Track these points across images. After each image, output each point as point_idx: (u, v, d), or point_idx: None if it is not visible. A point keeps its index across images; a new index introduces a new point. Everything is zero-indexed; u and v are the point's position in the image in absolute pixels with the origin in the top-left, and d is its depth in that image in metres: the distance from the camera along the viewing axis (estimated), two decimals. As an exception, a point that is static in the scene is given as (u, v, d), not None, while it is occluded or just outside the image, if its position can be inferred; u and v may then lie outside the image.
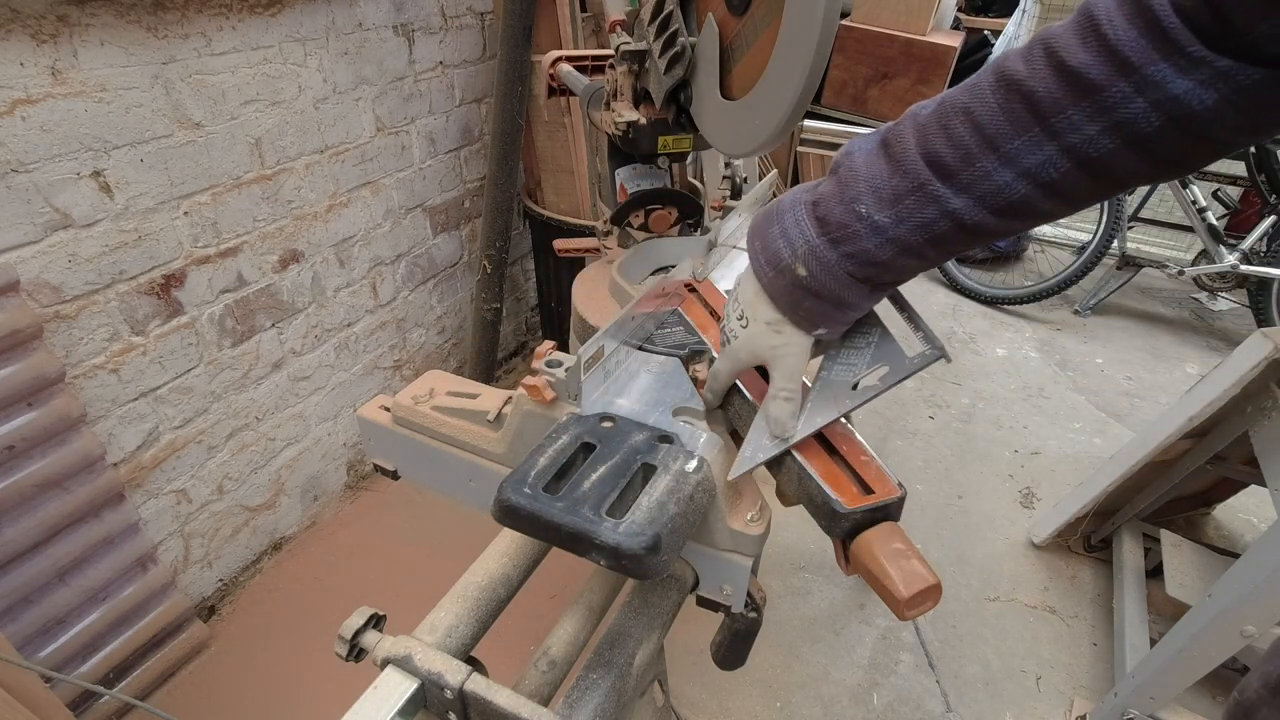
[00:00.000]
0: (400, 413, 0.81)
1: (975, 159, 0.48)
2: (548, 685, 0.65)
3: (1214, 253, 2.91)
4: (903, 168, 0.51)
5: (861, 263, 0.53)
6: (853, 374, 0.63)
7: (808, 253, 0.55)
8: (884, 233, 0.51)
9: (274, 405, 1.83)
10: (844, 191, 0.53)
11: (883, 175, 0.52)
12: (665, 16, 0.93)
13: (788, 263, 0.56)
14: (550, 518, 0.56)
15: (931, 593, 0.52)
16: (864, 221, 0.52)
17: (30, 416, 1.26)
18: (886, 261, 0.53)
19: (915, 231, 0.51)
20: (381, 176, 1.96)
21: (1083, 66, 0.43)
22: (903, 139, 0.51)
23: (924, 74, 3.30)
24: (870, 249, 0.52)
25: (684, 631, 1.14)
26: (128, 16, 1.29)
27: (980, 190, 0.48)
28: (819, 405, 0.62)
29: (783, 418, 0.60)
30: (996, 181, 0.48)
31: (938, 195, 0.49)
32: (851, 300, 0.56)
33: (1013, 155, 0.47)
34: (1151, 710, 1.43)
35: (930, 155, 0.49)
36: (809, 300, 0.56)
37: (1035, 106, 0.45)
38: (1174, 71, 0.41)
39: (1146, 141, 0.43)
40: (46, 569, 1.34)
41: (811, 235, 0.55)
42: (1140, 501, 1.84)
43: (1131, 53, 0.41)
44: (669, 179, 1.16)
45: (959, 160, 0.48)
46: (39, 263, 1.27)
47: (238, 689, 1.63)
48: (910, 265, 0.54)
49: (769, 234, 0.58)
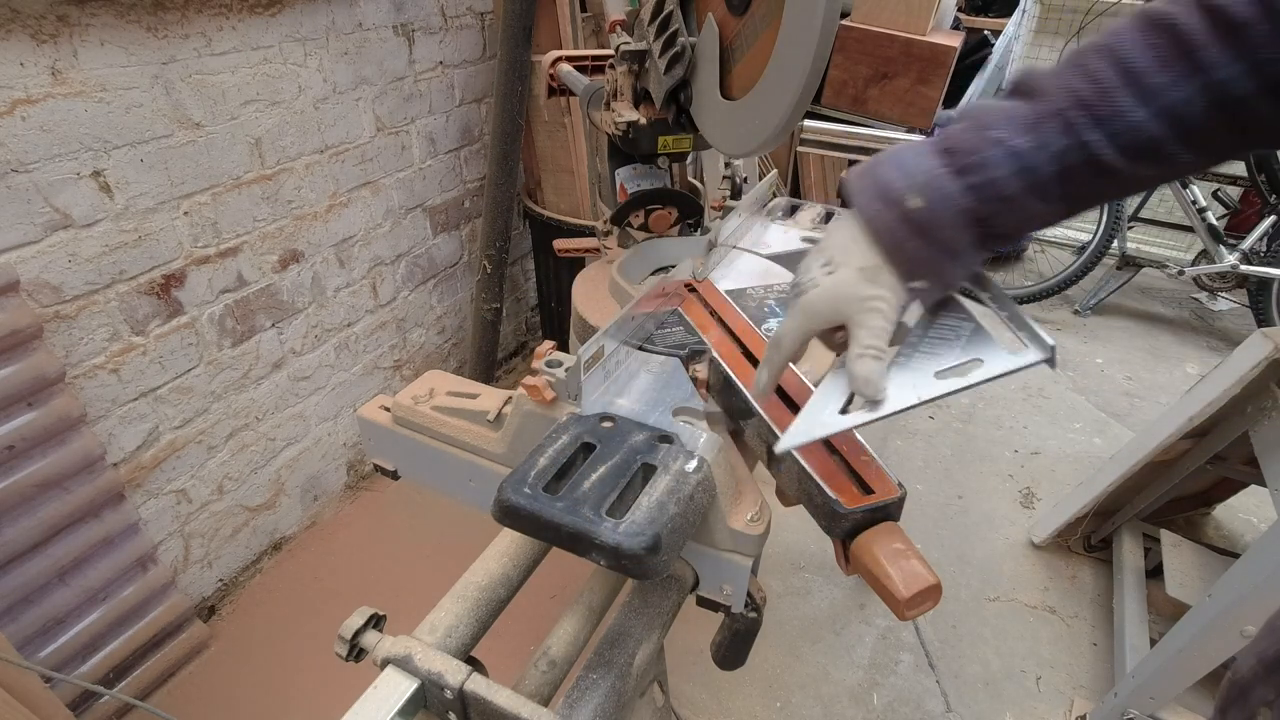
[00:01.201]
0: (400, 413, 0.81)
1: (1114, 94, 0.47)
2: (548, 685, 0.65)
3: (1214, 253, 2.90)
4: (1040, 97, 0.49)
5: (985, 197, 0.50)
6: (938, 362, 0.55)
7: (927, 182, 0.51)
8: (1020, 158, 0.49)
9: (274, 405, 1.83)
10: (977, 122, 0.51)
11: (1018, 106, 0.50)
12: (665, 16, 0.93)
13: (899, 193, 0.51)
14: (550, 518, 0.56)
15: (931, 593, 0.52)
16: (999, 146, 0.49)
17: (30, 416, 1.26)
18: (1013, 196, 0.49)
19: (1051, 160, 0.48)
20: (381, 176, 1.96)
21: (1227, 5, 0.43)
22: (1036, 79, 0.50)
23: (924, 74, 3.29)
24: (1001, 178, 0.49)
25: (684, 631, 1.14)
26: (128, 16, 1.29)
27: (1116, 126, 0.47)
28: (901, 380, 0.54)
29: (873, 377, 0.52)
30: (1133, 119, 0.46)
31: (1075, 124, 0.48)
32: (961, 246, 0.51)
33: (1153, 91, 0.46)
34: (1151, 710, 1.43)
35: (1068, 87, 0.48)
36: (915, 240, 0.51)
37: (1180, 42, 0.45)
38: None
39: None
40: (46, 569, 1.34)
41: (934, 165, 0.51)
42: (1140, 501, 1.84)
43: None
44: (669, 179, 1.16)
45: (1098, 95, 0.47)
46: (39, 263, 1.27)
47: (238, 689, 1.63)
48: (1031, 210, 0.50)
49: (880, 168, 0.53)
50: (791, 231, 1.19)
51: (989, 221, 0.51)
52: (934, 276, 0.53)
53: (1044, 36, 3.72)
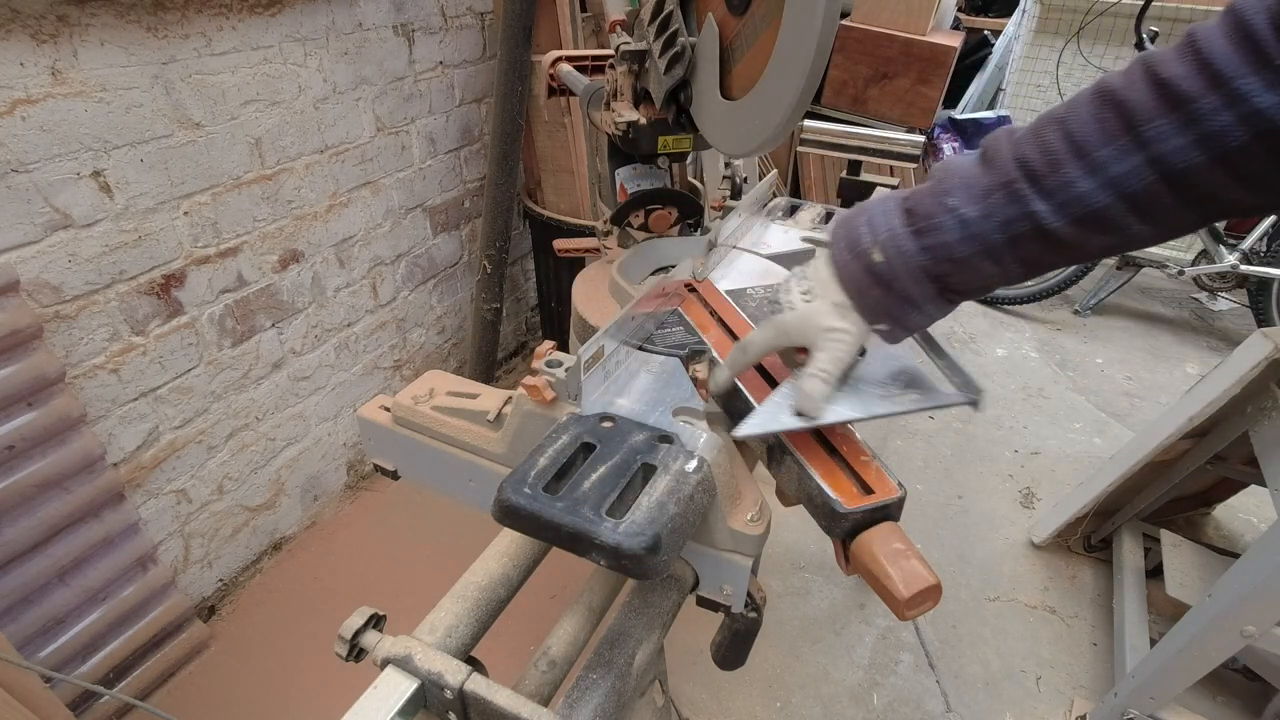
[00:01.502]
0: (400, 413, 0.81)
1: (1062, 164, 0.49)
2: (548, 685, 0.65)
3: (1214, 253, 2.90)
4: (994, 166, 0.53)
5: (939, 257, 0.54)
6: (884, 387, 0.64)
7: (888, 239, 0.56)
8: (968, 226, 0.53)
9: (274, 405, 1.83)
10: (936, 187, 0.56)
11: (975, 174, 0.54)
12: (665, 16, 0.93)
13: (865, 247, 0.57)
14: (550, 518, 0.56)
15: (931, 593, 0.52)
16: (951, 214, 0.53)
17: (30, 416, 1.26)
18: (964, 259, 0.53)
19: (998, 229, 0.52)
20: (381, 176, 1.96)
21: (1175, 78, 0.44)
22: (999, 145, 0.54)
23: (924, 74, 3.30)
24: (951, 242, 0.53)
25: (684, 631, 1.14)
26: (128, 16, 1.29)
27: (1063, 196, 0.49)
28: (846, 399, 0.63)
29: (815, 396, 0.60)
30: (1080, 189, 0.49)
31: (1022, 194, 0.51)
32: (919, 298, 0.56)
33: (1099, 163, 0.48)
34: (1151, 710, 1.43)
35: (1021, 158, 0.51)
36: (878, 289, 0.57)
37: (1126, 115, 0.46)
38: (1262, 85, 0.42)
39: (1232, 157, 0.44)
40: (46, 569, 1.34)
41: (896, 224, 0.56)
42: (1140, 501, 1.84)
43: (1223, 65, 0.42)
44: (669, 179, 1.16)
45: (1046, 165, 0.50)
46: (39, 263, 1.27)
47: (238, 689, 1.63)
48: (985, 271, 0.54)
49: (855, 221, 0.59)
50: (791, 231, 1.19)
51: (944, 279, 0.56)
52: (893, 321, 0.59)
53: (1044, 36, 3.72)
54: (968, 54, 3.76)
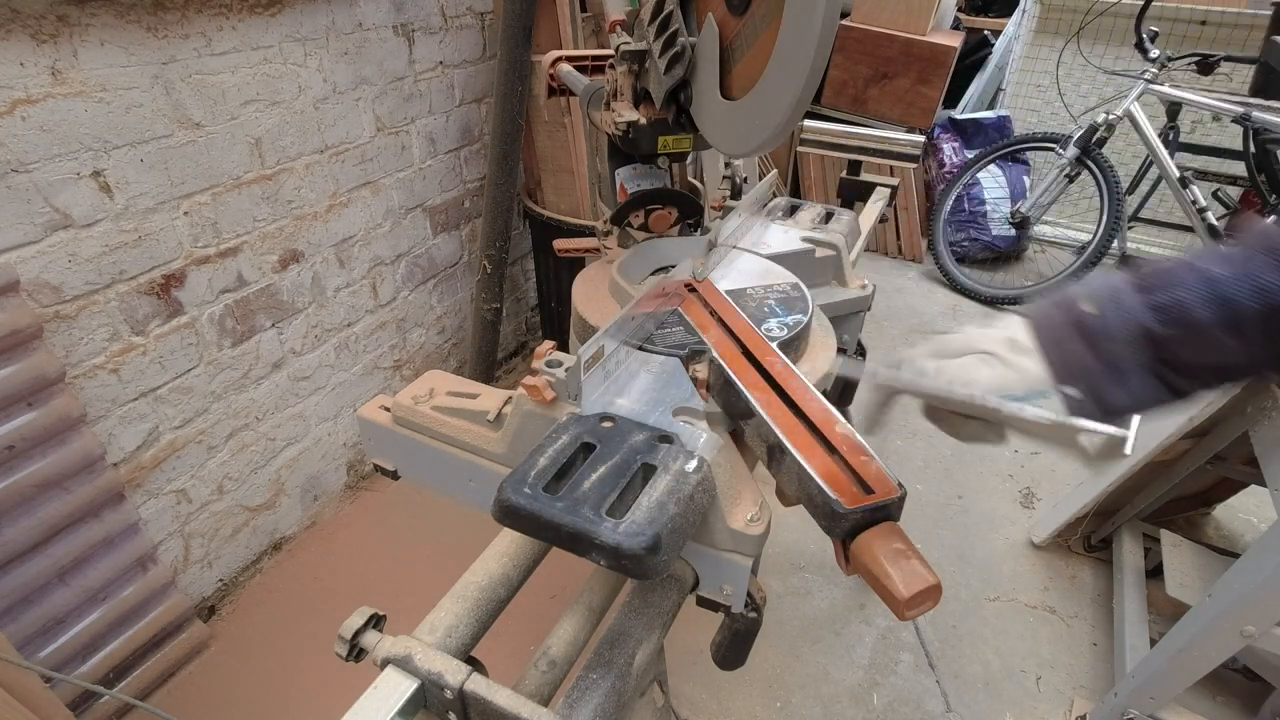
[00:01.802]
0: (400, 413, 0.81)
1: None
2: (548, 685, 0.65)
3: (1214, 253, 2.90)
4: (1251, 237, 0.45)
5: (1168, 318, 0.44)
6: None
7: (1106, 292, 0.47)
8: (1215, 286, 0.43)
9: (274, 405, 1.83)
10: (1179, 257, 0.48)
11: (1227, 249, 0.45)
12: (665, 16, 0.93)
13: (1074, 299, 0.49)
14: (550, 518, 0.56)
15: (931, 593, 0.52)
16: (1194, 271, 0.45)
17: (30, 416, 1.26)
18: (1201, 324, 0.43)
19: (1253, 294, 0.43)
20: (381, 176, 1.96)
21: None
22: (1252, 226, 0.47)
23: (924, 74, 3.30)
24: (1190, 302, 0.44)
25: (684, 631, 1.14)
26: (128, 16, 1.29)
27: None
28: None
29: (913, 358, 0.54)
30: None
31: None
32: (1128, 366, 0.46)
33: None
34: (1151, 710, 1.43)
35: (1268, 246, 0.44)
36: (1078, 343, 0.48)
37: None
38: None
39: None
40: (46, 569, 1.34)
41: (1119, 280, 0.48)
42: (1140, 501, 1.84)
43: None
44: (669, 179, 1.16)
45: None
46: (39, 263, 1.27)
47: (238, 689, 1.63)
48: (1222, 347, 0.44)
49: (1068, 289, 0.51)
50: (791, 231, 1.19)
51: (1167, 345, 0.45)
52: (1088, 387, 0.49)
53: (1044, 36, 3.72)
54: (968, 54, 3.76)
